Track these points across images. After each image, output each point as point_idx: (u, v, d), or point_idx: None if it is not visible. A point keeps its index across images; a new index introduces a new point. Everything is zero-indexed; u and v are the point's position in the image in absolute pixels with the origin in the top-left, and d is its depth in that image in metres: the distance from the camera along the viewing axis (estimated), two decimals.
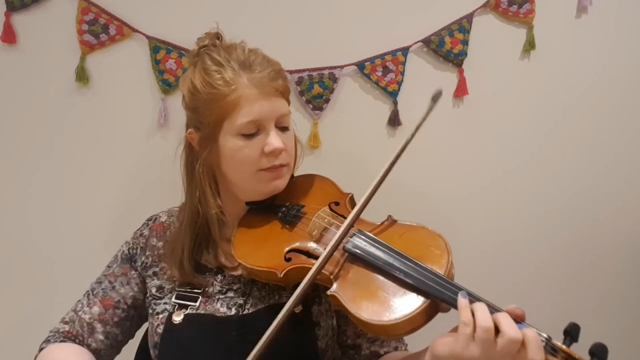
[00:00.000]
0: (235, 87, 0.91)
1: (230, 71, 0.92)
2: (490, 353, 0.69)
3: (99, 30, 1.30)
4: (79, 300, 1.04)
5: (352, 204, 1.01)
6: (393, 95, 1.39)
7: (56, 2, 1.29)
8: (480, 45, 1.40)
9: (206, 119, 0.94)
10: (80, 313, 1.01)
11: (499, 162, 1.47)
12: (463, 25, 1.38)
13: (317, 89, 1.36)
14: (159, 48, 1.31)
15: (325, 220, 0.95)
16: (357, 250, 0.85)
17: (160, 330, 0.96)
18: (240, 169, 0.96)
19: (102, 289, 1.03)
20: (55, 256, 1.38)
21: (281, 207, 1.00)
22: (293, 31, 1.35)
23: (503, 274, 1.50)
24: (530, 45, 1.41)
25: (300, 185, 1.06)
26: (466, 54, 1.39)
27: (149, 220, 1.10)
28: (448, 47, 1.38)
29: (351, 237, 0.87)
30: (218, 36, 1.01)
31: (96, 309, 1.01)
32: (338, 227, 0.89)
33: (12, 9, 1.28)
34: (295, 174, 1.09)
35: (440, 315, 0.79)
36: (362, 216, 0.90)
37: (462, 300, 0.72)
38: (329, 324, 0.99)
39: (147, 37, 1.31)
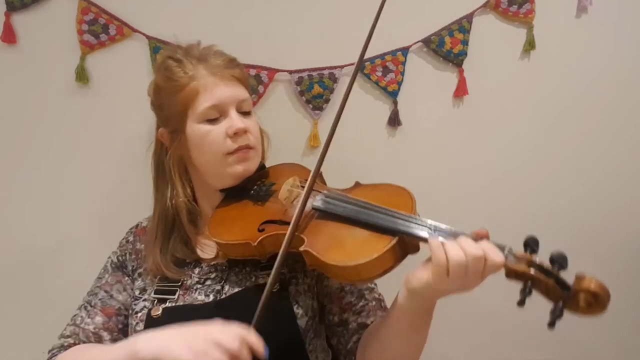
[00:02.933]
0: (193, 75, 0.99)
1: (189, 64, 1.00)
2: (463, 281, 0.75)
3: (99, 30, 1.30)
4: (74, 315, 1.04)
5: (323, 179, 1.07)
6: (393, 95, 1.39)
7: (56, 2, 1.29)
8: (480, 45, 1.40)
9: (171, 112, 1.01)
10: (82, 325, 1.01)
11: (499, 161, 1.47)
12: (463, 25, 1.38)
13: (317, 89, 1.36)
14: (159, 48, 1.31)
15: (295, 187, 1.00)
16: (324, 205, 0.91)
17: (140, 327, 0.97)
18: (208, 155, 1.01)
19: (100, 299, 1.04)
20: (56, 255, 1.38)
21: (252, 187, 1.05)
22: (293, 31, 1.35)
23: (503, 274, 1.50)
24: (530, 45, 1.41)
25: (272, 171, 1.11)
26: (466, 54, 1.39)
27: (131, 228, 1.14)
28: (448, 47, 1.38)
29: (318, 196, 0.94)
30: (177, 47, 1.08)
31: (99, 319, 1.01)
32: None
33: (12, 9, 1.28)
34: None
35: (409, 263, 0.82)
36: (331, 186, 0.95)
37: (434, 241, 0.76)
38: (308, 304, 1.00)
39: (147, 37, 1.31)
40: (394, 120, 1.40)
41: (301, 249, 0.86)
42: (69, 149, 1.35)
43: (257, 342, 0.78)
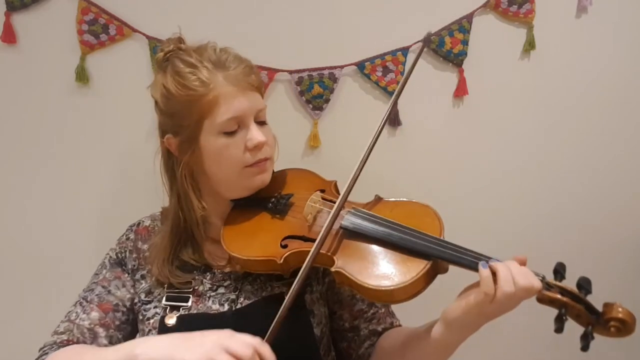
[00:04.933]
0: (212, 86, 0.92)
1: (205, 71, 0.93)
2: (505, 305, 0.75)
3: (99, 30, 1.30)
4: (69, 311, 1.00)
5: (337, 189, 1.04)
6: (393, 95, 1.39)
7: (56, 2, 1.29)
8: (480, 45, 1.40)
9: (185, 122, 0.95)
10: (77, 321, 0.97)
11: (499, 161, 1.47)
12: (463, 25, 1.38)
13: (317, 89, 1.36)
14: (159, 48, 1.30)
15: (318, 203, 0.97)
16: (353, 225, 0.89)
17: (153, 335, 0.95)
18: (226, 168, 0.97)
19: (97, 294, 1.00)
20: (57, 255, 1.38)
21: (269, 198, 1.01)
22: (293, 31, 1.35)
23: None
24: (530, 45, 1.41)
25: (283, 178, 1.08)
26: (466, 54, 1.39)
27: (132, 225, 1.10)
28: (448, 47, 1.38)
29: (345, 214, 0.91)
30: (181, 40, 1.02)
31: (95, 314, 0.98)
32: (330, 209, 0.91)
33: (12, 9, 1.28)
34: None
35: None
36: (350, 199, 0.93)
37: (483, 271, 0.76)
38: (322, 311, 1.00)
39: (147, 37, 1.31)
40: (394, 120, 1.40)
41: (333, 269, 0.85)
42: (69, 149, 1.35)
43: (269, 354, 0.76)
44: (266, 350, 0.76)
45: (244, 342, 0.76)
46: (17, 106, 1.33)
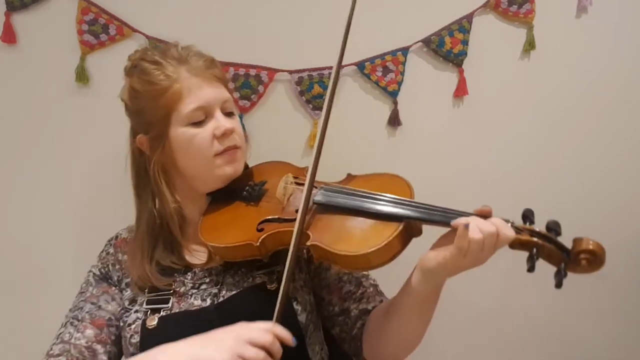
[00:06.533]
0: (176, 78, 0.95)
1: (169, 66, 0.96)
2: (478, 256, 0.78)
3: (99, 30, 1.30)
4: (60, 333, 0.97)
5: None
6: (393, 95, 1.39)
7: (56, 2, 1.29)
8: (480, 45, 1.40)
9: (153, 117, 0.97)
10: (72, 341, 0.94)
11: (499, 161, 1.47)
12: (463, 25, 1.38)
13: (317, 89, 1.36)
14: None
15: (291, 184, 0.99)
16: (326, 199, 0.92)
17: (135, 339, 0.94)
18: (196, 158, 0.98)
19: (87, 312, 0.98)
20: (59, 255, 1.38)
21: (243, 188, 1.03)
22: (293, 31, 1.35)
23: (503, 274, 1.50)
24: (530, 45, 1.41)
25: (257, 170, 1.10)
26: (466, 54, 1.39)
27: (110, 239, 1.11)
28: (448, 47, 1.38)
29: (318, 191, 0.94)
30: (148, 50, 1.04)
31: (90, 332, 0.95)
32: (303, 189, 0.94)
33: (12, 9, 1.28)
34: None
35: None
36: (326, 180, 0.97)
37: (458, 223, 0.79)
38: (306, 299, 1.00)
39: (147, 37, 1.31)
40: (394, 120, 1.40)
41: (308, 243, 0.87)
42: (69, 149, 1.35)
43: (285, 333, 0.79)
44: (281, 330, 0.79)
45: (261, 329, 0.78)
46: (17, 106, 1.33)
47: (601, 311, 1.55)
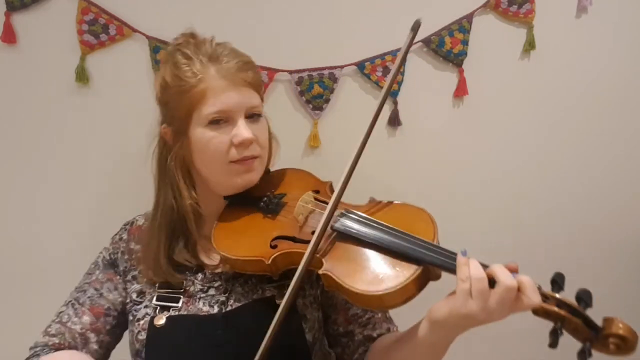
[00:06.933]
0: (201, 78, 0.93)
1: (198, 64, 0.94)
2: (489, 305, 0.71)
3: (99, 30, 1.30)
4: (61, 312, 0.99)
5: (332, 190, 1.01)
6: (393, 95, 1.39)
7: (56, 2, 1.29)
8: (480, 45, 1.40)
9: (176, 112, 0.96)
10: (68, 324, 0.97)
11: (499, 162, 1.47)
12: (463, 25, 1.38)
13: (317, 89, 1.36)
14: (159, 48, 1.30)
15: (310, 204, 0.96)
16: (344, 227, 0.87)
17: (142, 336, 0.94)
18: (211, 161, 0.96)
19: (89, 297, 1.00)
20: (58, 254, 1.38)
21: (262, 198, 1.00)
22: (293, 31, 1.35)
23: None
24: (530, 45, 1.41)
25: (278, 178, 1.07)
26: (466, 54, 1.39)
27: (126, 224, 1.10)
28: (448, 47, 1.38)
29: (339, 216, 0.89)
30: (192, 35, 1.01)
31: (87, 318, 0.97)
32: (323, 210, 0.90)
33: (12, 9, 1.28)
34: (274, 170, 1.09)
35: (428, 295, 0.80)
36: (347, 199, 0.91)
37: (461, 258, 0.74)
38: (315, 316, 0.99)
39: (147, 37, 1.31)
40: (394, 120, 1.40)
41: (320, 271, 0.83)
42: (69, 149, 1.35)
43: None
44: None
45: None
46: (17, 106, 1.33)
47: (601, 311, 1.55)
